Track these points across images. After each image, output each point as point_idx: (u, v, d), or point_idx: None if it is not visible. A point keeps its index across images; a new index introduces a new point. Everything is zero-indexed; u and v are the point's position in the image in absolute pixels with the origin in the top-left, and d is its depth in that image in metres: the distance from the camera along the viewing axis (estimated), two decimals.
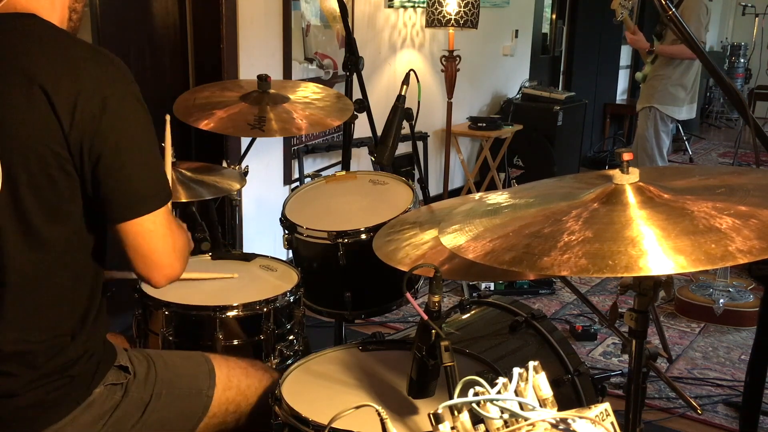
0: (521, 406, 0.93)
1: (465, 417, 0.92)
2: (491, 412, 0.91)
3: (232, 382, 1.57)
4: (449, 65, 4.69)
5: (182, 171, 2.20)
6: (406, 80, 2.23)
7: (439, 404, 0.93)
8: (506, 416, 0.91)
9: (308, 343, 2.01)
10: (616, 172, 1.22)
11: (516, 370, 0.96)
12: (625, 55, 8.18)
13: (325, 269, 2.09)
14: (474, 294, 3.56)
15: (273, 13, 3.69)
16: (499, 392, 0.92)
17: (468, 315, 2.04)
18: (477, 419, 0.93)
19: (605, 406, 0.91)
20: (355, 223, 2.03)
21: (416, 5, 4.79)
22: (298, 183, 3.95)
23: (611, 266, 1.01)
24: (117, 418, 1.41)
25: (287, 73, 3.80)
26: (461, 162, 5.49)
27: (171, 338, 1.78)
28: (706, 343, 3.35)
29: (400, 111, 2.24)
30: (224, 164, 2.41)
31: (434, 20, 4.54)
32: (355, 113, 2.55)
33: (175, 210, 2.12)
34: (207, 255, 2.12)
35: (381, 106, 3.36)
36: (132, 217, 1.30)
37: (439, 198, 4.71)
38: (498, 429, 0.91)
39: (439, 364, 1.25)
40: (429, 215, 1.74)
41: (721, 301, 3.51)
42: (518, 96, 5.86)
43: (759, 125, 1.45)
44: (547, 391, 0.96)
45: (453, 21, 4.48)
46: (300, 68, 3.91)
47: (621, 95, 8.35)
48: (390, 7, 4.56)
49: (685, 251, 1.01)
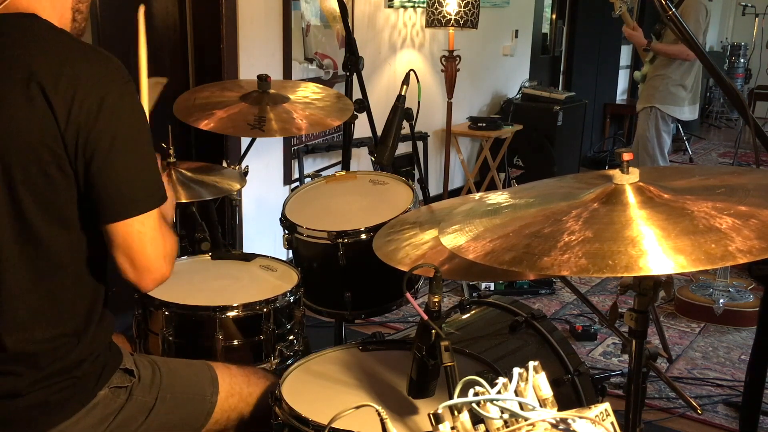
0: (521, 406, 0.93)
1: (465, 417, 0.92)
2: (491, 412, 0.91)
3: (235, 389, 1.58)
4: (449, 65, 4.69)
5: (182, 171, 2.20)
6: (406, 80, 2.23)
7: (439, 404, 0.93)
8: (506, 416, 0.91)
9: (308, 343, 2.00)
10: (616, 172, 1.22)
11: (516, 370, 0.96)
12: (625, 55, 8.18)
13: (325, 269, 2.09)
14: (474, 294, 3.56)
15: (273, 13, 3.69)
16: (499, 392, 0.92)
17: (468, 315, 2.04)
18: (477, 419, 0.93)
19: (605, 406, 0.91)
20: (355, 223, 2.03)
21: (416, 5, 4.79)
22: (298, 183, 3.95)
23: (611, 266, 1.01)
24: (121, 421, 1.41)
25: (287, 73, 3.80)
26: (461, 162, 5.49)
27: (171, 338, 1.78)
28: (706, 343, 3.35)
29: (400, 111, 2.24)
30: (224, 164, 2.42)
31: (434, 20, 4.54)
32: (355, 113, 2.55)
33: (176, 210, 2.12)
34: (207, 255, 2.12)
35: (381, 106, 3.36)
36: (120, 218, 1.29)
37: (439, 198, 4.71)
38: (498, 429, 0.91)
39: (439, 364, 1.25)
40: (429, 215, 1.74)
41: (721, 301, 3.51)
42: (518, 96, 5.86)
43: (759, 125, 1.45)
44: (547, 391, 0.96)
45: (453, 21, 4.48)
46: (300, 68, 3.91)
47: (621, 95, 8.35)
48: (390, 7, 4.56)
49: (685, 251, 1.01)
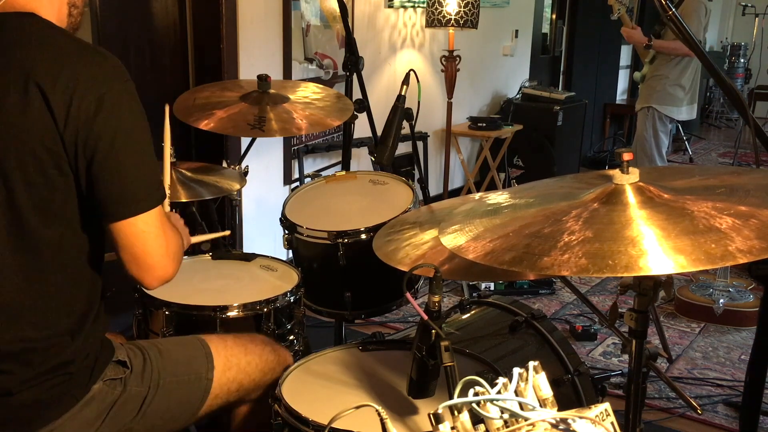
0: (521, 406, 0.93)
1: (465, 417, 0.92)
2: (491, 412, 0.91)
3: (231, 362, 1.56)
4: (449, 65, 4.68)
5: (182, 171, 2.20)
6: (406, 80, 2.23)
7: (439, 404, 0.93)
8: (506, 416, 0.91)
9: (308, 343, 2.01)
10: (616, 172, 1.22)
11: (516, 370, 0.96)
12: (625, 55, 8.17)
13: (325, 269, 2.09)
14: (474, 294, 3.55)
15: (273, 13, 3.69)
16: (499, 392, 0.92)
17: (468, 315, 2.04)
18: (477, 419, 0.93)
19: (605, 406, 0.91)
20: (355, 223, 2.03)
21: (416, 5, 4.79)
22: (298, 183, 3.95)
23: (611, 266, 1.01)
24: (116, 413, 1.41)
25: (287, 73, 3.80)
26: (461, 162, 5.49)
27: None
28: (706, 343, 3.34)
29: (400, 111, 2.24)
30: (224, 164, 2.42)
31: (434, 20, 4.54)
32: (355, 113, 2.55)
33: (176, 210, 2.12)
34: (207, 255, 2.12)
35: (381, 106, 3.36)
36: (124, 217, 1.29)
37: (439, 198, 4.71)
38: (498, 429, 0.91)
39: (439, 364, 1.25)
40: (429, 215, 1.74)
41: (721, 301, 3.51)
42: (518, 96, 5.86)
43: (759, 125, 1.45)
44: (547, 391, 0.96)
45: (453, 21, 4.48)
46: (300, 68, 3.91)
47: (621, 95, 8.35)
48: (390, 7, 4.56)
49: (685, 251, 1.01)
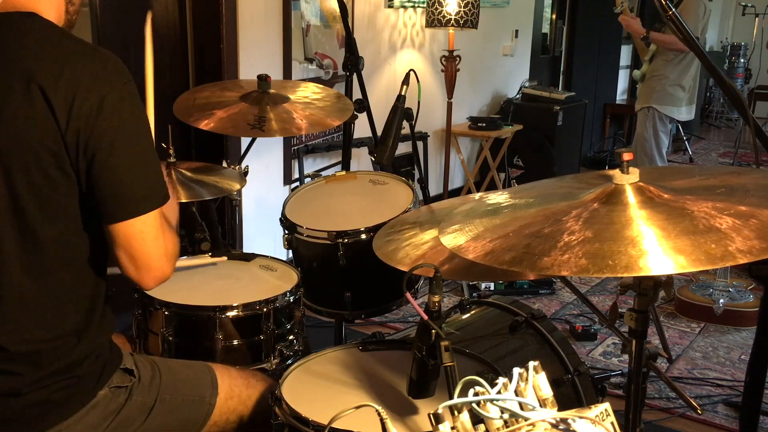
0: (521, 406, 0.93)
1: (465, 417, 0.92)
2: (491, 412, 0.91)
3: (234, 392, 1.57)
4: (449, 65, 4.69)
5: (182, 171, 2.20)
6: (406, 80, 2.23)
7: (439, 404, 0.93)
8: (506, 416, 0.91)
9: (308, 343, 2.01)
10: (616, 172, 1.22)
11: (516, 370, 0.96)
12: (625, 55, 8.17)
13: (325, 269, 2.09)
14: (474, 294, 3.55)
15: (273, 13, 3.69)
16: (499, 392, 0.92)
17: (468, 315, 2.04)
18: (477, 419, 0.93)
19: (605, 406, 0.91)
20: (355, 223, 2.03)
21: (416, 5, 4.79)
22: (298, 183, 3.95)
23: (611, 266, 1.01)
24: (120, 421, 1.41)
25: (287, 73, 3.80)
26: (461, 162, 5.49)
27: (171, 338, 1.78)
28: (706, 343, 3.34)
29: (400, 111, 2.24)
30: (224, 164, 2.41)
31: (434, 20, 4.54)
32: (355, 113, 2.55)
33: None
34: (207, 255, 2.12)
35: (381, 106, 3.36)
36: (123, 219, 1.29)
37: (439, 198, 4.71)
38: (498, 429, 0.91)
39: (439, 364, 1.24)
40: (429, 215, 1.74)
41: (721, 301, 3.51)
42: (518, 96, 5.86)
43: (759, 125, 1.45)
44: (547, 391, 0.96)
45: (453, 21, 4.48)
46: (300, 68, 3.91)
47: (621, 95, 8.35)
48: (390, 7, 4.56)
49: (685, 251, 1.01)
